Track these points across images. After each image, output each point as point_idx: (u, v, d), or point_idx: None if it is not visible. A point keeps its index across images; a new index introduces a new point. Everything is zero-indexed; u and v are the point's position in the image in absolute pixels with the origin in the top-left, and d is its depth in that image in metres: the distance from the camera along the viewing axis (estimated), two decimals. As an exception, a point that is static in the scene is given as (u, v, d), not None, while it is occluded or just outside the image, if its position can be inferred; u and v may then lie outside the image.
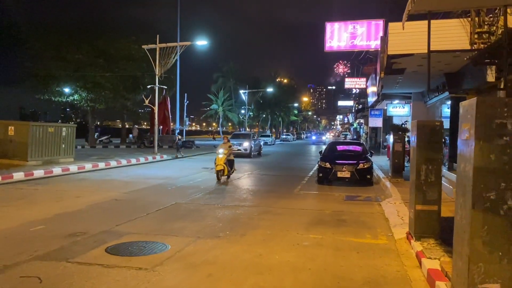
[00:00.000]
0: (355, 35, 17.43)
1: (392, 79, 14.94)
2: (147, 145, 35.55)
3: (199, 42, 24.22)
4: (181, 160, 23.19)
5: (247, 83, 53.02)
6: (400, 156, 13.55)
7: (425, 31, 9.99)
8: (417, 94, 19.52)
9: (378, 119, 28.04)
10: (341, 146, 15.59)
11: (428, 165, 6.23)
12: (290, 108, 79.41)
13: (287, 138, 66.49)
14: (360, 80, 48.09)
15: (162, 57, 24.37)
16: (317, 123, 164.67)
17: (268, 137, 50.61)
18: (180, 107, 47.61)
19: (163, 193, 11.32)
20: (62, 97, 32.51)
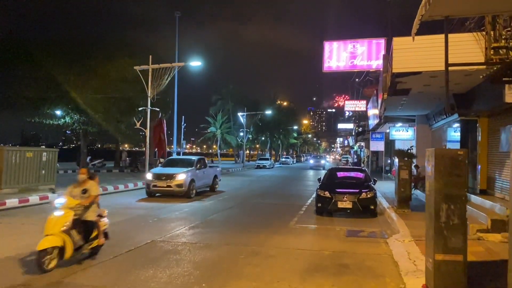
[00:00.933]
0: (355, 55, 16.49)
1: (396, 101, 13.89)
2: (141, 169, 34.32)
3: (193, 63, 23.33)
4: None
5: (246, 106, 52.15)
6: (407, 184, 12.35)
7: (434, 47, 8.99)
8: (422, 117, 18.46)
9: (380, 142, 26.93)
10: (341, 173, 14.40)
11: (449, 203, 5.05)
12: (290, 131, 78.46)
13: (286, 161, 65.32)
14: (360, 102, 47.22)
15: (155, 78, 23.44)
16: (317, 145, 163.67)
17: (267, 160, 49.47)
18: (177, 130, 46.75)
19: (142, 227, 10.07)
20: (54, 120, 31.53)
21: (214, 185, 18.91)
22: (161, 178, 15.62)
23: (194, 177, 16.18)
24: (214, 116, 57.92)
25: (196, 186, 16.32)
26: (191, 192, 15.72)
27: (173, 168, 16.37)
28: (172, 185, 15.38)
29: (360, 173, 14.08)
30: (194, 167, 16.70)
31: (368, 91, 36.98)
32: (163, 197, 15.89)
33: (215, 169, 20.36)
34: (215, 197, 16.86)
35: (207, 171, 18.35)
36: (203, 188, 17.82)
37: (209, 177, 18.40)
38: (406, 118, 18.93)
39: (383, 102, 14.41)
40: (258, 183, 25.65)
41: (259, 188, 22.08)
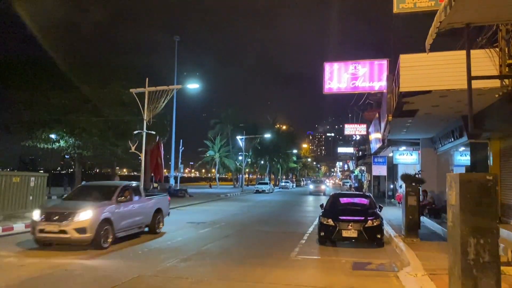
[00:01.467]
0: (357, 76, 15.98)
1: (401, 123, 13.27)
2: (137, 194, 33.44)
3: (191, 85, 22.86)
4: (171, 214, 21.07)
5: (244, 129, 51.69)
6: (415, 211, 11.57)
7: (445, 64, 8.39)
8: (426, 140, 17.82)
9: (382, 167, 26.24)
10: (345, 199, 13.63)
11: (478, 237, 4.33)
12: (289, 155, 77.79)
13: (286, 186, 64.33)
14: (360, 126, 46.71)
15: (152, 101, 22.90)
16: (317, 169, 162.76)
17: (266, 185, 48.58)
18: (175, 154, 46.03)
19: (130, 259, 9.26)
20: (48, 144, 30.86)
21: (154, 224, 12.82)
22: (52, 218, 9.92)
23: (111, 214, 10.61)
24: (213, 140, 57.36)
25: (118, 229, 10.85)
26: (102, 240, 10.10)
27: (77, 202, 10.83)
28: (68, 230, 9.70)
29: (364, 199, 13.31)
30: (113, 199, 11.01)
31: (369, 115, 36.49)
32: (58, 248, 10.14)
33: (158, 199, 13.87)
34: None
35: (142, 204, 12.44)
36: (134, 230, 11.83)
37: (145, 212, 12.42)
38: (410, 142, 18.31)
39: (387, 125, 13.80)
40: (257, 208, 24.79)
41: (258, 214, 21.24)
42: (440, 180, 17.52)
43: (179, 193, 34.26)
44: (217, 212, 21.26)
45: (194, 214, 20.50)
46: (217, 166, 57.14)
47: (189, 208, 23.70)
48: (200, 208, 24.25)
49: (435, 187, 17.55)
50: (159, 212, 13.40)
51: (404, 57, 8.69)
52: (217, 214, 20.41)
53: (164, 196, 14.92)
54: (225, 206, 25.77)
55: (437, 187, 17.52)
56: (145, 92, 23.19)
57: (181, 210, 22.68)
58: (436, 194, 17.54)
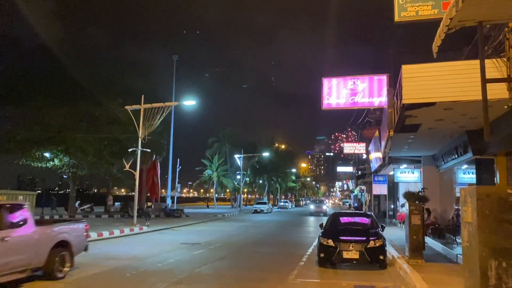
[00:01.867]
0: (356, 92, 15.62)
1: (403, 139, 12.81)
2: (132, 214, 32.70)
3: (187, 102, 22.52)
4: (162, 233, 20.41)
5: (243, 148, 51.22)
6: (419, 231, 11.00)
7: (449, 75, 7.97)
8: (428, 157, 17.34)
9: (383, 185, 25.68)
10: (345, 218, 13.05)
11: (500, 260, 3.80)
12: (288, 174, 77.10)
13: (285, 206, 63.47)
14: (360, 145, 46.32)
15: (147, 118, 22.52)
16: (316, 189, 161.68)
17: (264, 205, 47.79)
18: (172, 173, 45.47)
19: (116, 282, 8.65)
20: (42, 163, 30.27)
21: (53, 265, 8.50)
22: None
23: None
24: (210, 159, 56.82)
25: None
26: None
27: None
28: None
29: (366, 218, 12.73)
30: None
31: (368, 133, 36.11)
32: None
33: (62, 228, 9.29)
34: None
35: (27, 235, 8.04)
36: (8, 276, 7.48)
37: (30, 247, 8.02)
38: (411, 159, 17.82)
39: (388, 141, 13.34)
40: (255, 229, 24.10)
41: (255, 234, 20.57)
42: (443, 199, 16.99)
43: (175, 213, 33.54)
44: (212, 233, 20.60)
45: (189, 234, 19.83)
46: (214, 185, 56.42)
47: (184, 229, 23.00)
48: (196, 228, 23.58)
49: (438, 206, 16.99)
50: (66, 247, 8.98)
51: (406, 68, 8.28)
52: (213, 234, 19.75)
53: (78, 223, 10.16)
54: (221, 227, 25.09)
55: (440, 205, 16.97)
56: (140, 109, 22.89)
57: (176, 230, 21.99)
58: (439, 213, 16.98)
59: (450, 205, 16.65)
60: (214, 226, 25.69)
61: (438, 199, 16.97)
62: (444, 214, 16.61)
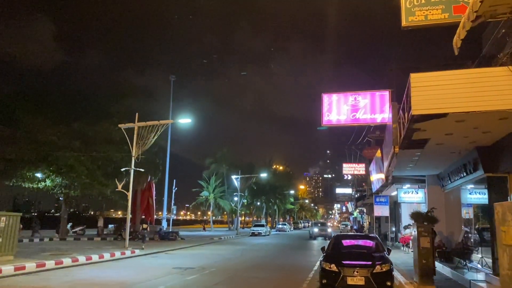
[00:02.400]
0: (357, 108, 15.03)
1: (408, 156, 12.13)
2: (124, 237, 31.63)
3: (182, 120, 21.88)
4: (155, 257, 19.44)
5: (240, 169, 50.40)
6: (429, 254, 10.21)
7: (462, 84, 7.30)
8: (432, 177, 16.64)
9: (384, 207, 24.88)
10: (348, 241, 12.23)
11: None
12: (286, 195, 76.01)
13: (283, 228, 62.18)
14: (359, 165, 45.63)
15: (141, 137, 21.83)
16: (314, 211, 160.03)
17: (262, 227, 46.63)
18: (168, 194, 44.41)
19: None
20: (34, 183, 29.38)
21: None
22: None
23: None
24: (207, 180, 55.87)
25: None
26: None
27: None
28: None
29: (370, 240, 11.91)
30: None
31: (368, 153, 35.46)
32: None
33: None
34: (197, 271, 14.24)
35: None
36: None
37: None
38: (415, 179, 17.10)
39: (392, 159, 12.66)
40: (252, 252, 23.13)
41: (253, 258, 19.63)
42: (449, 220, 16.19)
43: (170, 235, 32.47)
44: (208, 257, 19.65)
45: (183, 258, 18.89)
46: (211, 207, 55.28)
47: (178, 252, 22.01)
48: (191, 252, 22.60)
49: (444, 228, 16.19)
50: None
51: (415, 77, 7.66)
52: (208, 258, 18.82)
53: None
54: (217, 250, 24.11)
55: (446, 228, 16.16)
56: (134, 128, 22.24)
57: (170, 254, 21.02)
58: (445, 236, 16.15)
59: (457, 227, 15.84)
60: (209, 249, 24.71)
61: (444, 221, 16.16)
62: (451, 236, 15.79)
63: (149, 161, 34.50)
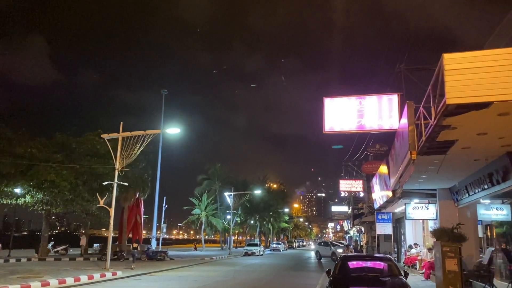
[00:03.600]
0: (362, 113, 13.57)
1: (424, 166, 10.60)
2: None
3: (170, 130, 20.26)
4: (138, 279, 17.57)
5: (234, 186, 48.51)
6: (456, 279, 8.61)
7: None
8: (444, 190, 15.10)
9: (387, 225, 23.24)
10: (357, 263, 10.56)
11: None
12: (281, 214, 73.96)
13: (277, 247, 60.03)
14: (356, 182, 44.15)
15: (126, 148, 20.16)
16: (309, 230, 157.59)
17: (256, 246, 44.58)
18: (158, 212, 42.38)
19: None
20: (12, 199, 27.45)
21: None
22: None
23: None
24: (199, 197, 53.90)
25: None
26: None
27: None
28: None
29: (382, 262, 10.25)
30: None
31: (368, 168, 33.98)
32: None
33: None
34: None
35: None
36: None
37: None
38: (425, 193, 15.54)
39: (406, 169, 11.10)
40: (246, 274, 21.29)
41: (247, 281, 17.85)
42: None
43: (158, 255, 30.47)
44: (196, 279, 17.82)
45: (168, 281, 17.07)
46: (203, 226, 53.11)
47: (165, 274, 20.12)
48: (179, 273, 20.72)
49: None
50: None
51: (449, 58, 6.17)
52: (197, 281, 17.01)
53: None
54: (208, 271, 22.23)
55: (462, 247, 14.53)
56: (118, 138, 20.61)
57: (155, 276, 19.13)
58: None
59: (473, 247, 14.23)
60: (199, 270, 22.81)
61: (459, 239, 14.58)
62: (468, 258, 14.15)
63: (137, 176, 32.75)
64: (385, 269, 9.83)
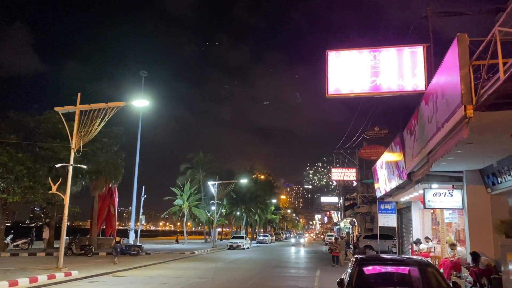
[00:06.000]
0: (378, 71, 10.52)
1: (482, 130, 7.50)
2: (76, 252, 26.29)
3: (137, 102, 16.83)
4: (94, 282, 14.33)
5: (219, 176, 45.17)
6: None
7: None
8: (473, 173, 12.15)
9: (390, 216, 20.34)
10: (379, 268, 7.48)
11: None
12: (268, 205, 71.02)
13: (264, 240, 57.19)
14: (349, 171, 41.34)
15: (83, 125, 16.75)
16: (296, 222, 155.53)
17: (241, 239, 41.51)
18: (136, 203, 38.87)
19: None
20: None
21: None
22: None
23: None
24: (182, 187, 50.56)
25: None
26: None
27: None
28: None
29: (416, 267, 7.15)
30: None
31: (366, 153, 31.10)
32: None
33: None
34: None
35: None
36: None
37: None
38: (448, 175, 12.56)
39: (448, 137, 8.01)
40: (228, 272, 18.24)
41: (226, 283, 14.80)
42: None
43: (132, 250, 27.17)
44: (167, 280, 14.69)
45: (131, 284, 13.90)
46: (185, 217, 49.81)
47: (131, 274, 16.92)
48: (149, 272, 17.53)
49: (491, 246, 11.66)
50: None
51: None
52: (166, 283, 13.90)
53: None
54: (184, 269, 19.11)
55: (495, 245, 11.58)
56: (78, 113, 17.22)
57: (118, 276, 15.92)
58: (493, 258, 11.58)
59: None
60: (175, 268, 19.67)
61: (491, 235, 11.67)
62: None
63: (109, 162, 29.38)
64: (420, 278, 6.77)
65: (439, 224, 16.10)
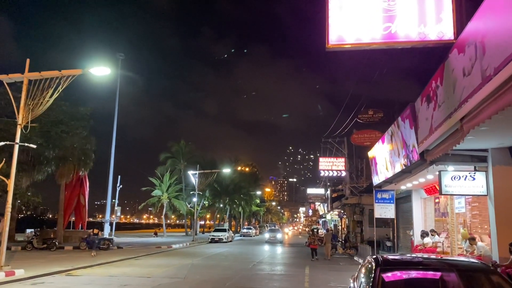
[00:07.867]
0: (393, 15, 8.22)
1: None
2: (37, 246, 23.61)
3: (96, 70, 14.12)
4: (39, 284, 11.78)
5: (201, 166, 42.57)
6: None
7: None
8: (502, 151, 9.96)
9: (388, 206, 18.25)
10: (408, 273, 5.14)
11: None
12: (252, 196, 68.70)
13: (248, 233, 54.95)
14: (338, 160, 39.19)
15: (32, 96, 14.07)
16: (281, 215, 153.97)
17: (223, 232, 39.12)
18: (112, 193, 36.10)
19: None
20: None
21: None
22: None
23: None
24: (161, 177, 47.86)
25: None
26: None
27: None
28: None
29: (472, 274, 4.81)
30: None
31: (358, 138, 28.94)
32: None
33: None
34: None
35: None
36: None
37: None
38: (469, 155, 10.36)
39: (494, 97, 5.75)
40: (204, 271, 15.85)
41: (201, 283, 12.43)
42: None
43: (101, 244, 24.55)
44: (129, 282, 12.22)
45: (85, 285, 11.44)
46: (164, 209, 47.15)
47: (92, 272, 14.41)
48: (111, 271, 15.02)
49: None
50: None
51: None
52: (126, 285, 11.44)
53: None
54: (156, 267, 16.66)
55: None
56: (26, 82, 14.52)
57: (73, 276, 13.39)
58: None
59: None
60: (144, 265, 17.20)
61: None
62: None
63: (76, 146, 26.62)
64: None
65: (448, 215, 13.92)
